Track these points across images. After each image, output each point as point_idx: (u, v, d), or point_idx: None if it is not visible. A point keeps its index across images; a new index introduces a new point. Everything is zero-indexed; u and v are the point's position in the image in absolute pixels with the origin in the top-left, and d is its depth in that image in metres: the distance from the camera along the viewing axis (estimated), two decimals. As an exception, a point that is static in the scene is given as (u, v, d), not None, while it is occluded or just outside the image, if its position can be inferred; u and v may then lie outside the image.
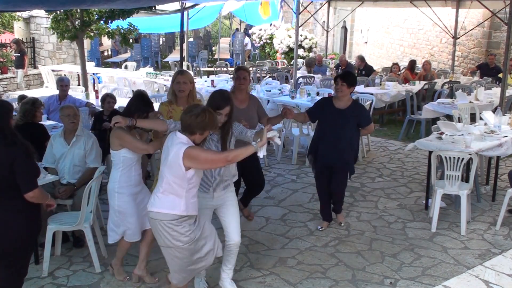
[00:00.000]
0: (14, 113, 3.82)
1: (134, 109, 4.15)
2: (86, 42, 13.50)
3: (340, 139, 5.16)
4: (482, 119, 6.94)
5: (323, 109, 5.30)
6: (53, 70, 13.34)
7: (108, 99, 6.88)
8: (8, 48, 14.32)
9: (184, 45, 16.21)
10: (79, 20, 10.03)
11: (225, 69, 15.61)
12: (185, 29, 15.96)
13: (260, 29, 20.41)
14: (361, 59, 13.43)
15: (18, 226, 3.41)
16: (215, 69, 15.68)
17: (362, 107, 5.57)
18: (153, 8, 9.66)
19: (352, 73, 5.63)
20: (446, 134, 6.14)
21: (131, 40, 11.18)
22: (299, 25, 11.98)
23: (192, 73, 5.09)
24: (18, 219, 3.42)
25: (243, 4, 17.57)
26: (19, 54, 13.41)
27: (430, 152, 5.77)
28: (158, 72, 12.70)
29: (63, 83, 7.65)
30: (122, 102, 8.29)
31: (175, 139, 3.53)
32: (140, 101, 4.25)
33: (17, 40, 13.89)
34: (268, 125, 3.76)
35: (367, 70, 12.92)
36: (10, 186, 3.35)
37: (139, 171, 4.26)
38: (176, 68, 14.46)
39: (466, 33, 13.72)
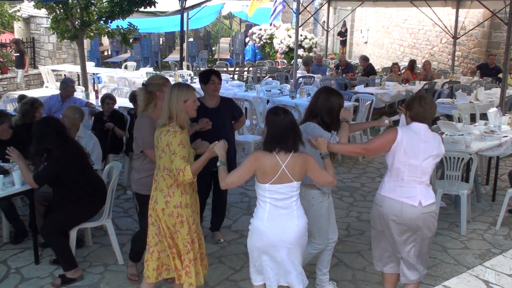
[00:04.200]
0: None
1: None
2: (86, 42, 13.48)
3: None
4: (482, 119, 6.93)
5: None
6: (53, 70, 13.33)
7: (107, 100, 6.90)
8: (8, 48, 14.32)
9: (184, 45, 16.24)
10: (79, 20, 10.01)
11: (225, 69, 15.60)
12: (185, 29, 15.98)
13: (260, 29, 20.39)
14: (365, 59, 13.33)
15: None
16: (215, 69, 15.66)
17: (231, 100, 5.18)
18: (153, 6, 9.62)
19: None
20: (446, 134, 6.15)
21: (131, 40, 11.13)
22: (299, 25, 11.98)
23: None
24: None
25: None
26: (19, 54, 13.41)
27: (430, 152, 5.76)
28: (158, 72, 12.69)
29: (72, 84, 7.86)
30: (122, 102, 8.31)
31: (420, 130, 3.53)
32: None
33: (17, 40, 13.88)
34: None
35: (372, 70, 12.88)
36: None
37: None
38: (176, 68, 14.41)
39: (466, 33, 13.71)
